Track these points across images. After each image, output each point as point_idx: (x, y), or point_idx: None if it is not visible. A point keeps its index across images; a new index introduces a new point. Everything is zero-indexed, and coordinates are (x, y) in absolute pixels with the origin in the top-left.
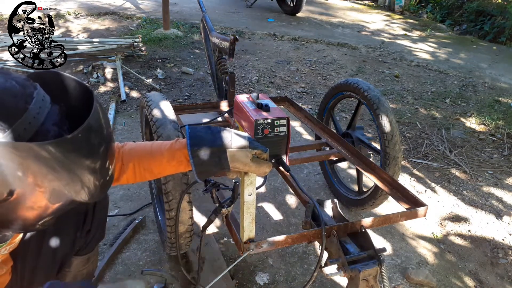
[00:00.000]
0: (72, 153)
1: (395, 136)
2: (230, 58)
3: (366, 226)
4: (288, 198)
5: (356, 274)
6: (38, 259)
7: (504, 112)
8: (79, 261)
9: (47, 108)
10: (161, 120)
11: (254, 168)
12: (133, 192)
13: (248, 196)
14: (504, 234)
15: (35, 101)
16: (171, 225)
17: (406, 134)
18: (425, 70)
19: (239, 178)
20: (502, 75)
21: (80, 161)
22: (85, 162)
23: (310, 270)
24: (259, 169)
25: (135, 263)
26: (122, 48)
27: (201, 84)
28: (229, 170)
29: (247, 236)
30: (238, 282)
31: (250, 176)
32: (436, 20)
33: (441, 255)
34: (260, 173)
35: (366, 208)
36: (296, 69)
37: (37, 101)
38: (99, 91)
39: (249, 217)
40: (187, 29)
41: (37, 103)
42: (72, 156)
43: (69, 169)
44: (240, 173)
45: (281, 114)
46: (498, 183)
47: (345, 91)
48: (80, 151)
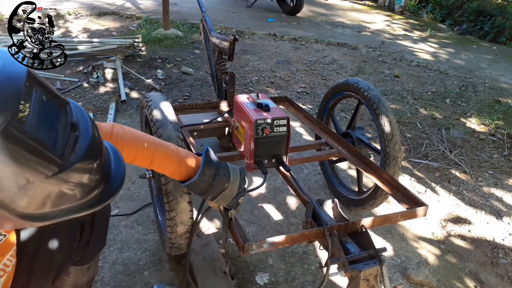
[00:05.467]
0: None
1: (395, 136)
2: (229, 58)
3: (367, 226)
4: (288, 198)
5: (356, 274)
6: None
7: (504, 112)
8: (78, 271)
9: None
10: (161, 120)
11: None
12: (133, 192)
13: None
14: (504, 234)
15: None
16: (171, 226)
17: (406, 134)
18: (425, 70)
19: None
20: (502, 75)
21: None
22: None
23: (310, 270)
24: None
25: (135, 263)
26: (122, 48)
27: (201, 84)
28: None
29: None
30: (238, 282)
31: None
32: (436, 20)
33: (441, 255)
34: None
35: (366, 208)
36: (296, 69)
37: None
38: (99, 91)
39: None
40: (187, 29)
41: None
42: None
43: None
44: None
45: (281, 114)
46: (498, 183)
47: (345, 91)
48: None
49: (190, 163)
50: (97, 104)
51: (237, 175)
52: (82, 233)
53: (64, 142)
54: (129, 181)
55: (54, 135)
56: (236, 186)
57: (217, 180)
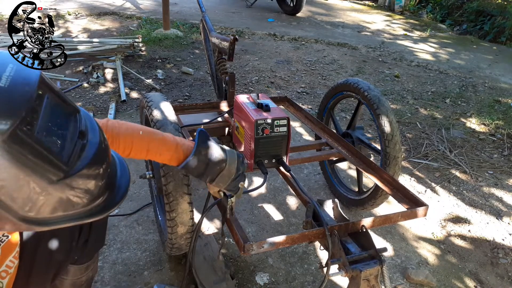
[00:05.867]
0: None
1: (395, 136)
2: (229, 58)
3: (367, 226)
4: (288, 198)
5: (357, 274)
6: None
7: (504, 112)
8: (77, 270)
9: None
10: (161, 120)
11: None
12: (133, 192)
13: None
14: (504, 234)
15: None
16: (171, 226)
17: (406, 134)
18: (425, 70)
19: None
20: (502, 75)
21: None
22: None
23: (310, 270)
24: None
25: (135, 263)
26: (122, 48)
27: (201, 84)
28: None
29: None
30: (238, 282)
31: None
32: (436, 20)
33: (441, 255)
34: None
35: (366, 208)
36: (296, 69)
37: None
38: (99, 91)
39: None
40: (187, 29)
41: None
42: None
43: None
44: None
45: (281, 114)
46: (498, 183)
47: (345, 91)
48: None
49: (186, 146)
50: (97, 104)
51: (234, 156)
52: (80, 232)
53: (71, 149)
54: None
55: (62, 141)
56: (234, 168)
57: (214, 159)
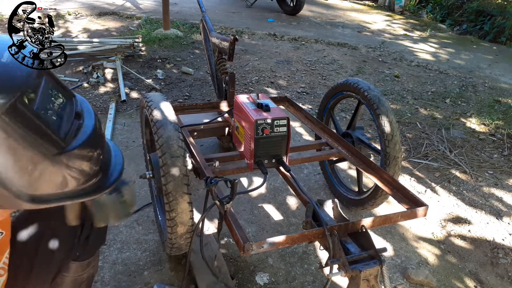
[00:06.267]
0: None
1: (395, 136)
2: (229, 58)
3: (367, 226)
4: (288, 198)
5: (357, 274)
6: (34, 261)
7: (504, 112)
8: (78, 266)
9: None
10: (161, 120)
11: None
12: None
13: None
14: (504, 234)
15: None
16: (171, 226)
17: (406, 134)
18: (425, 70)
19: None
20: (502, 75)
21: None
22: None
23: (310, 270)
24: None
25: (135, 263)
26: (122, 48)
27: (201, 84)
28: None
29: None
30: (238, 282)
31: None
32: (436, 20)
33: (441, 255)
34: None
35: (366, 208)
36: (296, 69)
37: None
38: (99, 91)
39: None
40: (187, 29)
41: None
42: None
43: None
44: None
45: (281, 114)
46: (498, 183)
47: (345, 91)
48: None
49: None
50: (97, 104)
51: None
52: (82, 228)
53: (68, 127)
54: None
55: (59, 119)
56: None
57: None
